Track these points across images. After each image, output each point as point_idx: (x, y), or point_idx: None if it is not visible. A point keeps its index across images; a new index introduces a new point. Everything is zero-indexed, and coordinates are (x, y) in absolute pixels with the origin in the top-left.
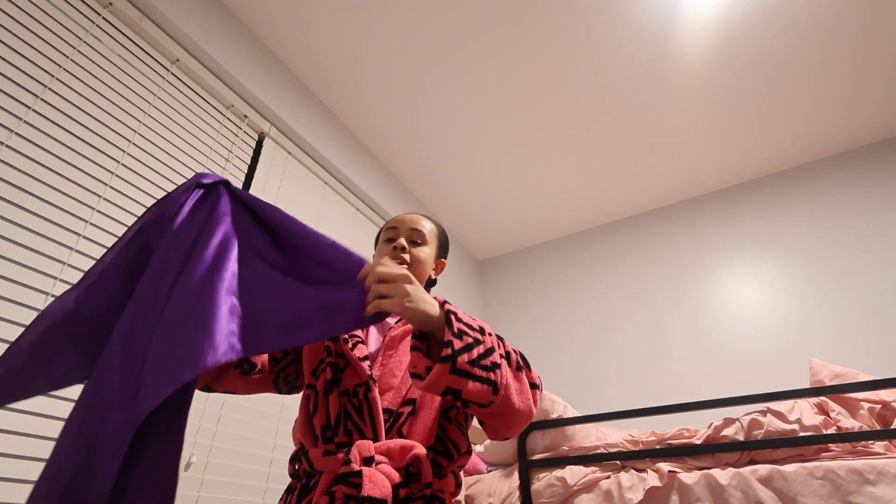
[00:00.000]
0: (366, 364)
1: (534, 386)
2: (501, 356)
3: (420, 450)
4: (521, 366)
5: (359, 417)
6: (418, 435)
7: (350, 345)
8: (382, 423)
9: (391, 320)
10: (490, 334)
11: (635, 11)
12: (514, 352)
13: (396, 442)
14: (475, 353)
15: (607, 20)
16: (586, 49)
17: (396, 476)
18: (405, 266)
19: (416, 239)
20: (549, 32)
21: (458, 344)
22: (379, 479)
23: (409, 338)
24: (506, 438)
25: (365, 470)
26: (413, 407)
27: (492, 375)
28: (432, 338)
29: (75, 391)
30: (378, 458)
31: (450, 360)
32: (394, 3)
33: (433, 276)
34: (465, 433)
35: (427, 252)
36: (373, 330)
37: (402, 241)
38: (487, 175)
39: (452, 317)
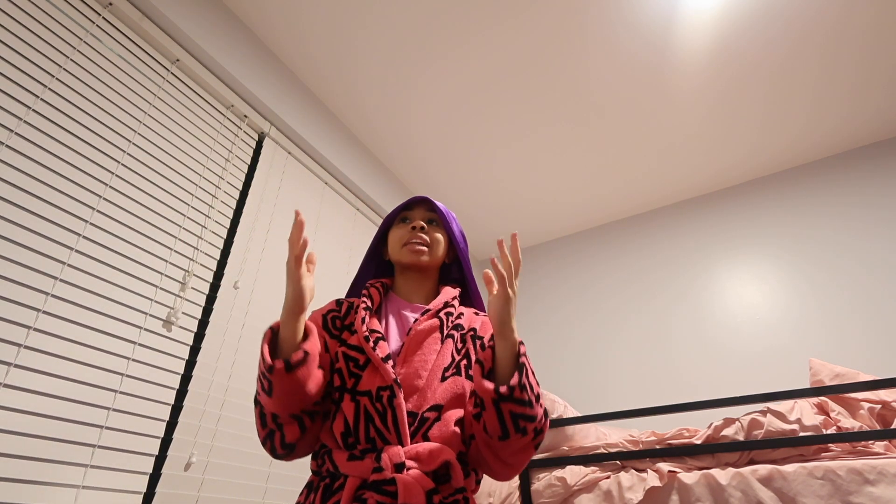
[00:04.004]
0: (389, 365)
1: (536, 446)
2: (535, 429)
3: (450, 454)
4: (538, 432)
5: (382, 423)
6: (444, 436)
7: (371, 342)
8: (407, 429)
9: (413, 314)
10: (540, 403)
11: (635, 10)
12: (543, 417)
13: (425, 446)
14: (518, 409)
15: (606, 19)
16: (586, 49)
17: (429, 482)
18: (426, 248)
19: (433, 219)
20: (548, 34)
21: (516, 393)
22: (413, 486)
23: (436, 334)
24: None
25: (398, 477)
26: (439, 413)
27: (511, 431)
28: (496, 353)
29: (69, 392)
30: (408, 462)
31: (498, 398)
32: (392, 2)
33: (447, 261)
34: None
35: (442, 236)
36: (393, 324)
37: (421, 221)
38: (487, 175)
39: (526, 366)
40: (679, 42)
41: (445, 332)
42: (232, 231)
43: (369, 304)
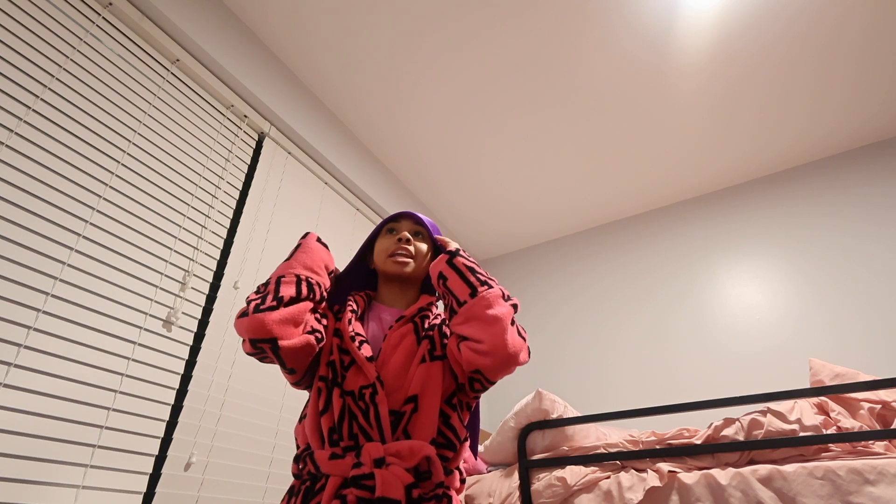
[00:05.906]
0: (372, 366)
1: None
2: (502, 292)
3: (430, 450)
4: (506, 296)
5: (365, 420)
6: (422, 430)
7: (357, 343)
8: (389, 425)
9: (391, 318)
10: (494, 280)
11: (635, 11)
12: (512, 304)
13: (405, 443)
14: (473, 265)
15: (607, 19)
16: (586, 49)
17: (409, 477)
18: (410, 259)
19: (420, 232)
20: (548, 34)
21: (463, 253)
22: (392, 480)
23: (411, 336)
24: (490, 380)
25: (377, 471)
26: (415, 404)
27: (476, 283)
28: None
29: (69, 392)
30: (389, 459)
31: (451, 255)
32: (392, 2)
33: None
34: (463, 421)
35: (426, 247)
36: (373, 329)
37: (407, 233)
38: (487, 175)
39: (466, 255)
40: (679, 42)
41: (422, 333)
42: (232, 231)
43: (355, 307)
